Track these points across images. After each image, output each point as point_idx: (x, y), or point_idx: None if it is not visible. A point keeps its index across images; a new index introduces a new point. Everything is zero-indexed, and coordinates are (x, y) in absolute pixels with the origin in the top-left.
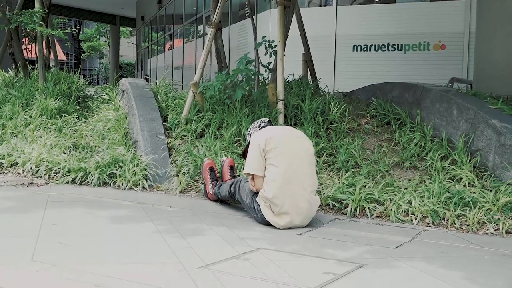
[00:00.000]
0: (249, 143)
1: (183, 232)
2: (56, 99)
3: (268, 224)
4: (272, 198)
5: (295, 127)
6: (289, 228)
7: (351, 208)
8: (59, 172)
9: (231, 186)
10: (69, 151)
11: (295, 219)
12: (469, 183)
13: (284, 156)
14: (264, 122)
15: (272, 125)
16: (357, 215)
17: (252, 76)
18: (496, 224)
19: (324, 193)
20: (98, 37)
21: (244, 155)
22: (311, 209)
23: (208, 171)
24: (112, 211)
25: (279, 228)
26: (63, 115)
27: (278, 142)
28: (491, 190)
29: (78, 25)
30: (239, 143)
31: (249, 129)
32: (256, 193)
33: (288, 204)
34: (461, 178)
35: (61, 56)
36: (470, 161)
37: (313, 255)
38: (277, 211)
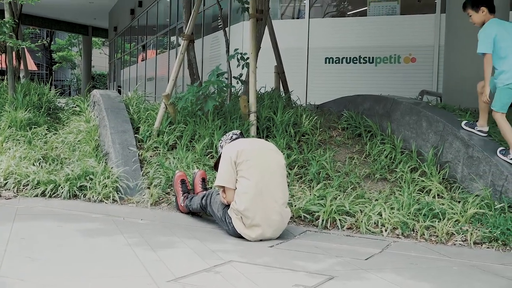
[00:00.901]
0: (220, 155)
1: (154, 245)
2: (26, 110)
3: (240, 237)
4: (244, 210)
5: (267, 139)
6: (261, 240)
7: (322, 220)
8: (28, 184)
9: (202, 198)
10: (39, 163)
11: (266, 231)
12: (438, 195)
13: (256, 168)
14: (235, 134)
15: (244, 137)
16: (328, 227)
17: (224, 88)
18: (465, 235)
19: (295, 205)
20: (70, 47)
21: (215, 166)
22: (282, 221)
23: (179, 184)
24: (82, 224)
25: (250, 241)
26: (33, 126)
27: (250, 155)
28: (459, 202)
29: (48, 37)
30: (211, 155)
31: (220, 141)
32: (227, 206)
33: (260, 217)
34: (430, 190)
35: (32, 66)
36: (439, 172)
37: (284, 268)
38: (248, 224)
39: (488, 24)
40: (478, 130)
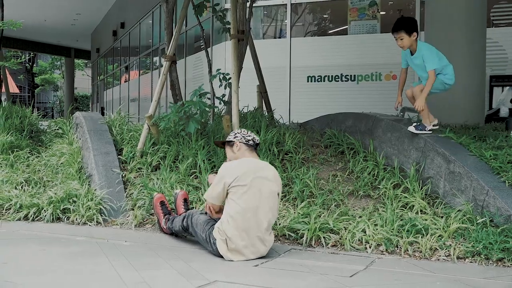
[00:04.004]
0: (226, 142)
1: (138, 267)
2: (7, 133)
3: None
4: (231, 236)
5: None
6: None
7: (307, 238)
8: (10, 208)
9: (183, 220)
10: (21, 187)
11: (249, 257)
12: (421, 210)
13: (248, 196)
14: (255, 141)
15: (257, 149)
16: (313, 245)
17: (207, 109)
18: (448, 250)
19: (280, 224)
20: (52, 70)
21: (217, 143)
22: (265, 249)
23: (159, 206)
24: (66, 248)
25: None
26: (15, 150)
27: (246, 182)
28: (442, 217)
29: (30, 59)
30: (195, 175)
31: (238, 133)
32: (212, 226)
33: (244, 243)
34: (413, 206)
35: (14, 89)
36: (421, 188)
37: (270, 286)
38: (232, 248)
39: (428, 45)
40: (429, 130)
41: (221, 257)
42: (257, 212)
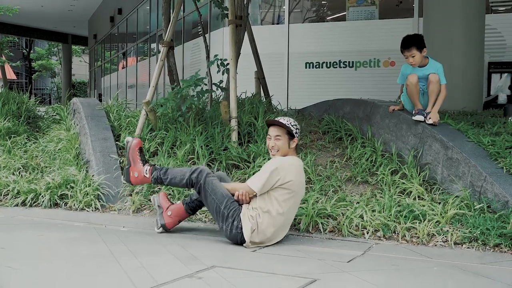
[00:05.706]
0: (288, 132)
1: (136, 252)
2: (5, 119)
3: (224, 241)
4: (264, 229)
5: (248, 145)
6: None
7: (304, 224)
8: (8, 194)
9: (192, 173)
10: (19, 173)
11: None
12: (418, 196)
13: (293, 202)
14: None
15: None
16: (310, 231)
17: (203, 89)
18: (445, 236)
19: None
20: (49, 56)
21: (269, 122)
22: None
23: (137, 152)
24: (63, 233)
25: (244, 246)
26: (13, 136)
27: (295, 188)
28: (439, 203)
29: (27, 46)
30: (192, 161)
31: (298, 129)
32: (238, 207)
33: (271, 237)
34: (411, 192)
35: (11, 75)
36: (419, 174)
37: (266, 272)
38: (254, 241)
39: (437, 62)
40: (429, 118)
41: (230, 239)
42: (293, 213)
